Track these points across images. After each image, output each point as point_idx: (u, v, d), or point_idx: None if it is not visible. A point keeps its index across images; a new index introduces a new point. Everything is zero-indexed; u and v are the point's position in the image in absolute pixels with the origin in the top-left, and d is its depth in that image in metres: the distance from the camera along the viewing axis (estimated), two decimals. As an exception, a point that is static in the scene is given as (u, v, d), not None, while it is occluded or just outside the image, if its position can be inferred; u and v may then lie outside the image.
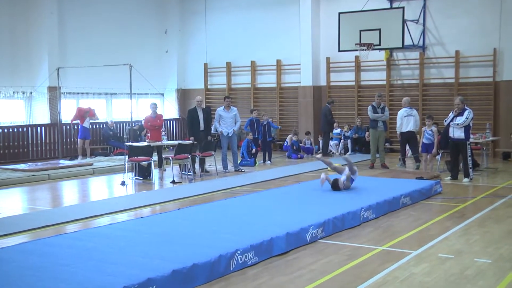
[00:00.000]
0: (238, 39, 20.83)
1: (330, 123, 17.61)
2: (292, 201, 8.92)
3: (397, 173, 12.28)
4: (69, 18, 18.23)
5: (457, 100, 11.96)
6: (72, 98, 18.12)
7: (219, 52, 21.24)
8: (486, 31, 16.79)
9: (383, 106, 14.65)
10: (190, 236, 6.54)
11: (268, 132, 16.15)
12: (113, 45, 19.35)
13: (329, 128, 17.74)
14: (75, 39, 18.32)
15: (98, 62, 17.60)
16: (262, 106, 20.51)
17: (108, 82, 18.78)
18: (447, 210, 8.99)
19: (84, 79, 18.01)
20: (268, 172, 13.87)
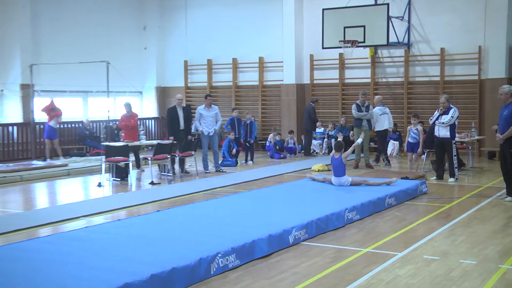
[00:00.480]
0: (219, 36, 20.79)
1: (313, 122, 17.67)
2: (274, 202, 8.92)
3: (382, 173, 12.35)
4: (43, 12, 18.04)
5: (442, 99, 12.06)
6: (46, 96, 17.92)
7: (199, 49, 21.18)
8: (471, 28, 16.96)
9: (368, 104, 14.73)
10: (169, 239, 6.51)
11: (250, 132, 16.14)
12: (89, 41, 19.20)
13: (312, 127, 17.81)
14: (49, 35, 18.14)
15: (73, 59, 17.43)
16: (244, 104, 20.50)
17: (84, 79, 18.62)
18: (433, 210, 9.06)
19: (58, 76, 17.84)
20: (250, 173, 13.86)
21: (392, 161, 16.20)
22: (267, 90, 20.32)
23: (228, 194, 10.42)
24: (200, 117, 14.02)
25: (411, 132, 13.00)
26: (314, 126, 17.95)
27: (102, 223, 7.91)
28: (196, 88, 21.53)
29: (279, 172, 13.86)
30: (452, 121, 11.87)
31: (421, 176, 11.80)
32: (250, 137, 16.07)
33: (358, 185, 10.22)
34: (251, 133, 16.14)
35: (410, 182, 10.54)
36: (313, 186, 10.41)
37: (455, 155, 12.05)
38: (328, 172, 13.68)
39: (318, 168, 14.08)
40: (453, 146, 12.00)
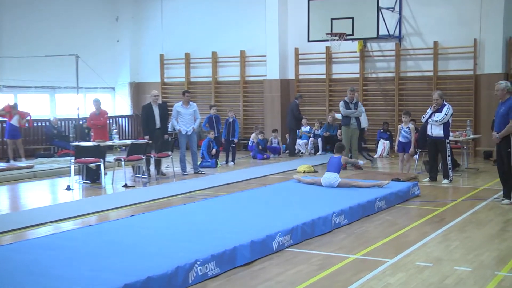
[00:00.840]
0: (198, 28, 20.74)
1: (297, 120, 17.71)
2: (257, 206, 8.92)
3: (371, 174, 12.40)
4: (5, 2, 17.85)
5: (435, 95, 12.15)
6: (9, 92, 17.74)
7: (176, 42, 21.11)
8: (466, 20, 17.11)
9: (356, 101, 14.79)
10: (144, 246, 6.48)
11: (232, 131, 16.11)
12: (57, 33, 19.04)
13: (297, 125, 17.85)
14: (13, 26, 17.95)
15: (39, 52, 17.27)
16: (224, 101, 20.48)
17: (51, 74, 18.47)
18: (426, 214, 9.12)
19: (23, 71, 17.68)
20: (231, 174, 13.84)
21: (383, 162, 16.29)
22: (249, 86, 20.32)
23: (207, 197, 10.40)
24: (177, 115, 13.98)
25: (402, 131, 13.06)
26: (298, 125, 18.00)
27: (71, 229, 7.84)
28: (173, 84, 21.46)
29: (262, 173, 13.86)
30: (446, 119, 11.97)
31: (413, 178, 11.86)
32: (233, 137, 16.03)
33: (347, 188, 10.26)
34: (233, 132, 16.11)
35: (401, 184, 10.60)
36: (299, 189, 10.43)
37: (449, 155, 12.15)
38: (314, 173, 13.72)
39: (304, 169, 14.12)
40: (447, 146, 12.10)
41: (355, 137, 14.67)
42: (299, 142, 18.38)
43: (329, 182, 10.39)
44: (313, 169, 14.24)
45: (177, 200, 10.46)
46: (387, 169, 14.82)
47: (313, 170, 14.14)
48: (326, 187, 10.37)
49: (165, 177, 13.56)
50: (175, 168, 13.95)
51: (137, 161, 12.89)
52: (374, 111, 18.61)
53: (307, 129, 18.69)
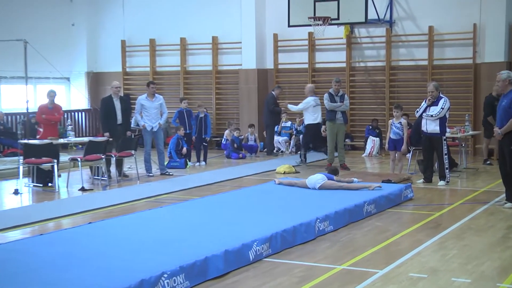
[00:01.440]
0: (165, 11, 20.66)
1: (274, 114, 17.68)
2: (232, 211, 8.92)
3: (360, 175, 12.45)
4: None
5: (430, 87, 12.23)
6: None
7: (140, 26, 21.01)
8: (464, 3, 17.22)
9: (342, 93, 14.85)
10: (103, 257, 6.44)
11: (204, 127, 16.02)
12: (1, 16, 18.80)
13: (273, 121, 17.82)
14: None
15: (-18, 37, 17.09)
16: (194, 94, 20.43)
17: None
18: (420, 219, 9.19)
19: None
20: (202, 176, 13.82)
21: (371, 162, 16.38)
22: (223, 77, 20.29)
23: (176, 201, 10.37)
24: (141, 109, 13.92)
25: (393, 127, 13.11)
26: (276, 120, 17.96)
27: (19, 239, 7.77)
28: (136, 74, 21.35)
29: (237, 175, 13.86)
30: (442, 113, 12.05)
31: (406, 179, 11.94)
32: (205, 134, 15.96)
33: (332, 190, 10.29)
34: (206, 128, 16.03)
35: (392, 186, 10.67)
36: (278, 192, 10.45)
37: (446, 154, 12.24)
38: (295, 174, 13.75)
39: (284, 169, 14.14)
40: (444, 143, 12.19)
41: (341, 134, 14.74)
42: (279, 139, 18.40)
43: (313, 182, 10.42)
44: (294, 169, 14.27)
45: (142, 205, 10.41)
46: (377, 169, 14.90)
47: (294, 171, 14.17)
48: (308, 190, 10.39)
49: (128, 179, 13.49)
50: (139, 169, 13.88)
51: (96, 161, 12.80)
52: (362, 105, 18.71)
53: (288, 124, 18.72)
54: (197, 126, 16.00)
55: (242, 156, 17.28)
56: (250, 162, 16.43)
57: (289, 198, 9.90)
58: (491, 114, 14.81)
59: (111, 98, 13.68)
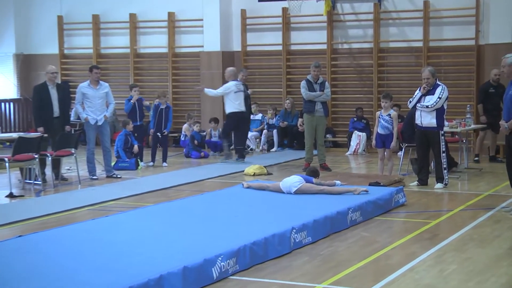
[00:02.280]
0: (110, -19, 20.57)
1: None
2: (191, 220, 8.89)
3: (343, 177, 12.49)
4: None
5: (426, 73, 12.28)
6: None
7: (81, 0, 20.86)
8: (465, -26, 17.42)
9: (323, 81, 14.86)
10: (36, 277, 6.37)
11: (165, 121, 15.91)
12: None
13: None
14: None
15: None
16: (147, 81, 20.36)
17: None
18: (414, 229, 9.23)
19: None
20: (156, 179, 13.80)
21: (357, 161, 16.45)
22: (181, 61, 20.25)
23: (125, 209, 10.31)
24: (83, 99, 13.82)
25: (382, 120, 13.09)
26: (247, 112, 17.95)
27: None
28: (76, 56, 21.21)
29: (198, 177, 13.84)
30: (439, 103, 12.12)
31: (397, 182, 12.00)
32: (165, 128, 15.88)
33: (311, 195, 10.31)
34: (166, 123, 15.93)
35: (381, 190, 10.70)
36: (247, 197, 10.45)
37: (444, 152, 12.32)
38: (268, 176, 13.74)
39: (253, 171, 14.12)
40: (441, 139, 12.26)
41: (321, 128, 14.73)
42: (248, 135, 18.38)
43: (289, 186, 10.43)
44: (266, 170, 14.26)
45: (84, 214, 10.33)
46: (363, 170, 14.96)
47: (266, 172, 14.16)
48: (282, 195, 10.40)
49: (67, 183, 13.41)
50: (80, 171, 13.79)
51: (27, 161, 12.69)
52: (346, 94, 18.79)
53: (258, 117, 18.72)
54: (155, 119, 15.90)
55: (204, 155, 17.24)
56: (213, 162, 16.40)
57: (260, 204, 9.89)
58: (482, 102, 15.02)
59: (45, 85, 13.56)
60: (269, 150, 18.36)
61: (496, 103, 15.11)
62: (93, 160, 13.97)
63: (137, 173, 14.85)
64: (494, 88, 15.49)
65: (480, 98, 15.48)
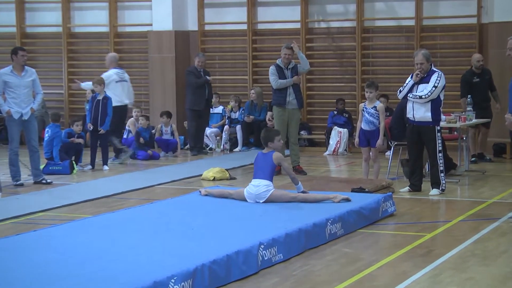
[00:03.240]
0: None
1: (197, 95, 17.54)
2: (138, 235, 8.86)
3: (320, 181, 12.53)
4: None
5: (419, 57, 12.32)
6: None
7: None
8: None
9: (295, 65, 14.85)
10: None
11: (103, 114, 15.76)
12: None
13: (196, 104, 17.65)
14: None
15: None
16: (83, 66, 20.34)
17: None
18: (405, 243, 9.28)
19: None
20: (95, 185, 13.78)
21: (337, 162, 16.51)
22: (124, 42, 20.22)
23: (57, 222, 10.25)
24: (4, 89, 13.74)
25: (366, 113, 13.08)
26: (199, 103, 17.79)
27: None
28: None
29: (146, 183, 13.82)
30: (435, 93, 12.18)
31: (385, 187, 12.06)
32: (103, 124, 15.70)
33: (282, 203, 10.32)
34: (104, 117, 15.77)
35: (366, 198, 10.73)
36: (206, 207, 10.43)
37: (440, 151, 12.39)
38: (230, 182, 13.75)
39: (213, 175, 14.11)
40: (437, 136, 12.33)
41: (295, 124, 14.73)
42: (207, 131, 18.38)
43: (255, 194, 10.44)
44: (228, 174, 14.27)
45: (6, 229, 10.25)
46: (345, 173, 15.01)
47: (228, 177, 14.17)
48: (248, 204, 10.41)
49: (-14, 191, 13.33)
50: (1, 176, 13.68)
51: None
52: (324, 82, 18.85)
53: (219, 110, 18.71)
54: (91, 112, 15.77)
55: (153, 156, 17.18)
56: (164, 165, 16.40)
57: (221, 215, 9.88)
58: (466, 94, 15.08)
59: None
60: (232, 150, 18.35)
61: (483, 93, 15.31)
62: (17, 162, 13.87)
63: (71, 178, 14.78)
64: (478, 76, 15.65)
65: (464, 91, 15.46)
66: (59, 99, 20.39)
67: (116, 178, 14.58)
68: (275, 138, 10.69)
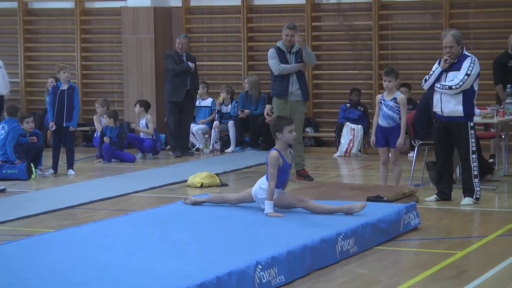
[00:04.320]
0: None
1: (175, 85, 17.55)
2: (112, 252, 8.87)
3: (329, 189, 12.53)
4: None
5: (448, 38, 12.33)
6: None
7: None
8: None
9: (299, 49, 14.81)
10: None
11: (69, 108, 15.73)
12: None
13: (175, 94, 17.65)
14: None
15: None
16: (42, 49, 20.30)
17: None
18: (432, 263, 9.30)
19: None
20: (59, 193, 13.81)
21: (349, 166, 16.52)
22: (94, 20, 20.25)
23: (12, 238, 10.26)
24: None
25: (384, 107, 13.09)
26: (179, 93, 17.77)
27: None
28: None
29: (120, 190, 13.83)
30: (467, 83, 12.19)
31: (408, 195, 12.07)
32: (68, 120, 15.66)
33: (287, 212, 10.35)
34: (70, 111, 15.74)
35: (385, 208, 10.75)
36: (192, 218, 10.45)
37: (475, 152, 12.41)
38: (222, 188, 13.76)
39: (201, 181, 14.10)
40: (470, 134, 12.34)
41: (299, 118, 14.67)
42: (193, 128, 18.38)
43: (259, 198, 10.37)
44: (219, 180, 14.26)
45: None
46: (359, 179, 15.03)
47: (218, 183, 14.16)
48: (243, 214, 10.40)
49: None
50: None
51: None
52: (334, 69, 18.86)
53: (207, 103, 18.71)
54: (54, 106, 15.73)
55: (127, 158, 17.18)
56: (142, 168, 16.44)
57: (210, 228, 9.87)
58: (500, 81, 15.09)
59: None
60: (223, 150, 18.35)
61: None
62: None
63: (30, 184, 14.79)
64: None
65: (497, 76, 15.48)
66: (14, 89, 20.31)
67: (84, 185, 14.60)
68: (285, 128, 10.42)
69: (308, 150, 17.32)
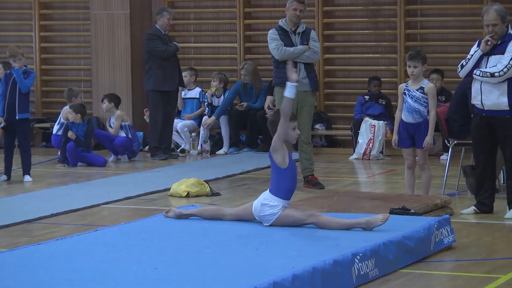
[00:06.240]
0: None
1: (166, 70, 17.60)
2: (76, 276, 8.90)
3: (344, 199, 12.58)
4: None
5: (490, 14, 12.36)
6: None
7: None
8: None
9: (306, 29, 14.87)
10: None
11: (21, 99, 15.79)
12: None
13: (167, 83, 17.69)
14: None
15: None
16: None
17: None
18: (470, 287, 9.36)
19: None
20: (12, 204, 13.88)
21: (369, 170, 16.57)
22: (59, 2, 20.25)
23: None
24: None
25: (409, 98, 13.10)
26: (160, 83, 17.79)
27: None
28: None
29: (88, 201, 13.87)
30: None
31: (440, 207, 12.11)
32: (22, 111, 15.72)
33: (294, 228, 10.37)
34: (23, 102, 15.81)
35: (411, 222, 10.79)
36: (177, 235, 10.49)
37: (522, 153, 12.47)
38: (212, 198, 13.79)
39: (187, 189, 14.15)
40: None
41: (307, 112, 14.72)
42: (177, 125, 18.42)
43: (260, 215, 10.43)
44: (209, 189, 14.29)
45: None
46: (380, 186, 15.09)
47: (208, 192, 14.20)
48: (240, 228, 10.42)
49: None
50: None
51: None
52: (350, 53, 18.92)
53: (195, 94, 18.76)
54: (5, 97, 15.77)
55: (95, 161, 17.22)
56: (115, 174, 16.48)
57: (199, 248, 9.91)
58: None
59: None
60: (214, 152, 18.40)
61: None
62: None
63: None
64: None
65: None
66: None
67: (44, 194, 14.63)
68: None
69: (319, 151, 17.41)
